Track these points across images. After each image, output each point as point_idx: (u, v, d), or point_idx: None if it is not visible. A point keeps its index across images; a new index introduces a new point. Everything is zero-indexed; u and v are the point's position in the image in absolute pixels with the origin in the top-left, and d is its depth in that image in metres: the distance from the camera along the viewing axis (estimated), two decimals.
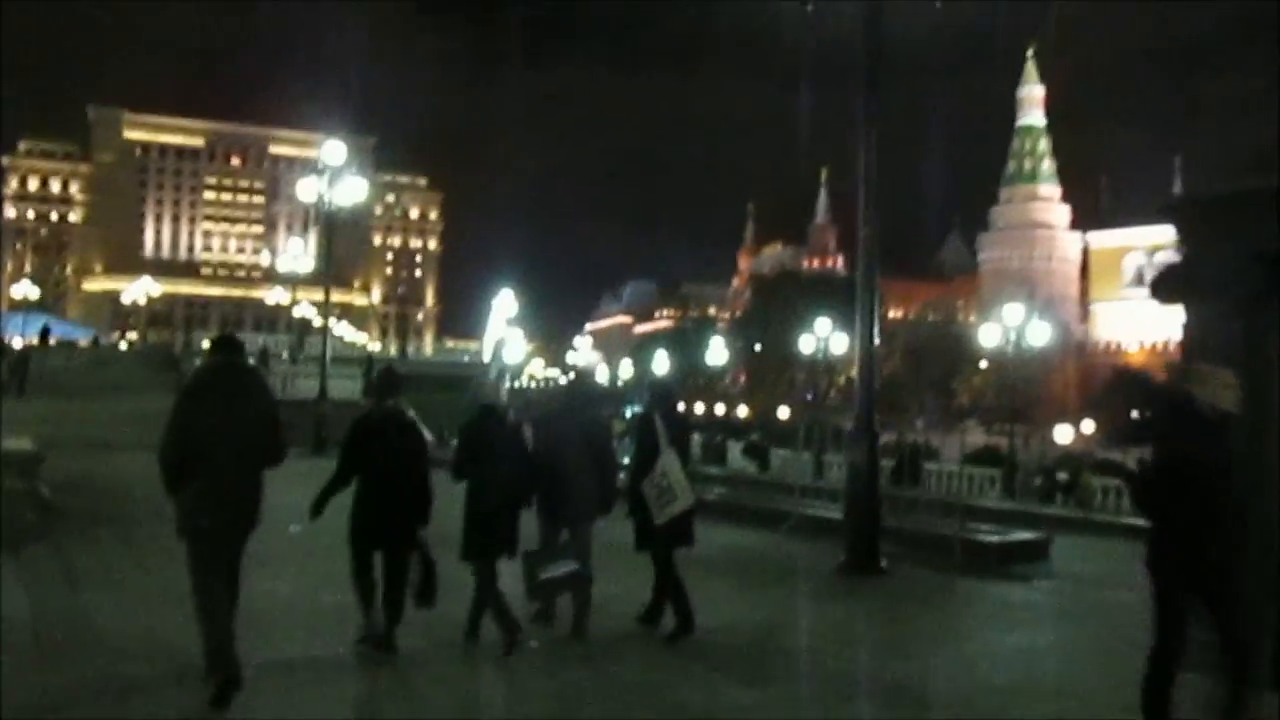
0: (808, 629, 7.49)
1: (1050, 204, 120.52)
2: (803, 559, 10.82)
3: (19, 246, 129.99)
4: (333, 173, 24.48)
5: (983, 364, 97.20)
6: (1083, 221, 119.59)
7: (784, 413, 68.59)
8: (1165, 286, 6.11)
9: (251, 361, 8.10)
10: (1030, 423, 64.43)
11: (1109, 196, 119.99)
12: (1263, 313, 5.42)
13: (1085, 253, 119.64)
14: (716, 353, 59.72)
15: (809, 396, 71.44)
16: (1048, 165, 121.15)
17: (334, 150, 24.47)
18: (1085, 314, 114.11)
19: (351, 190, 25.28)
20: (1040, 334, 43.25)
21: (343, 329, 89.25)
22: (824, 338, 44.37)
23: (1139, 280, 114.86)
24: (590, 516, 7.41)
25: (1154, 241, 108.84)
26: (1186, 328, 5.91)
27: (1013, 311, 39.38)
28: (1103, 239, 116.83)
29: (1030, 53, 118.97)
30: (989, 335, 45.34)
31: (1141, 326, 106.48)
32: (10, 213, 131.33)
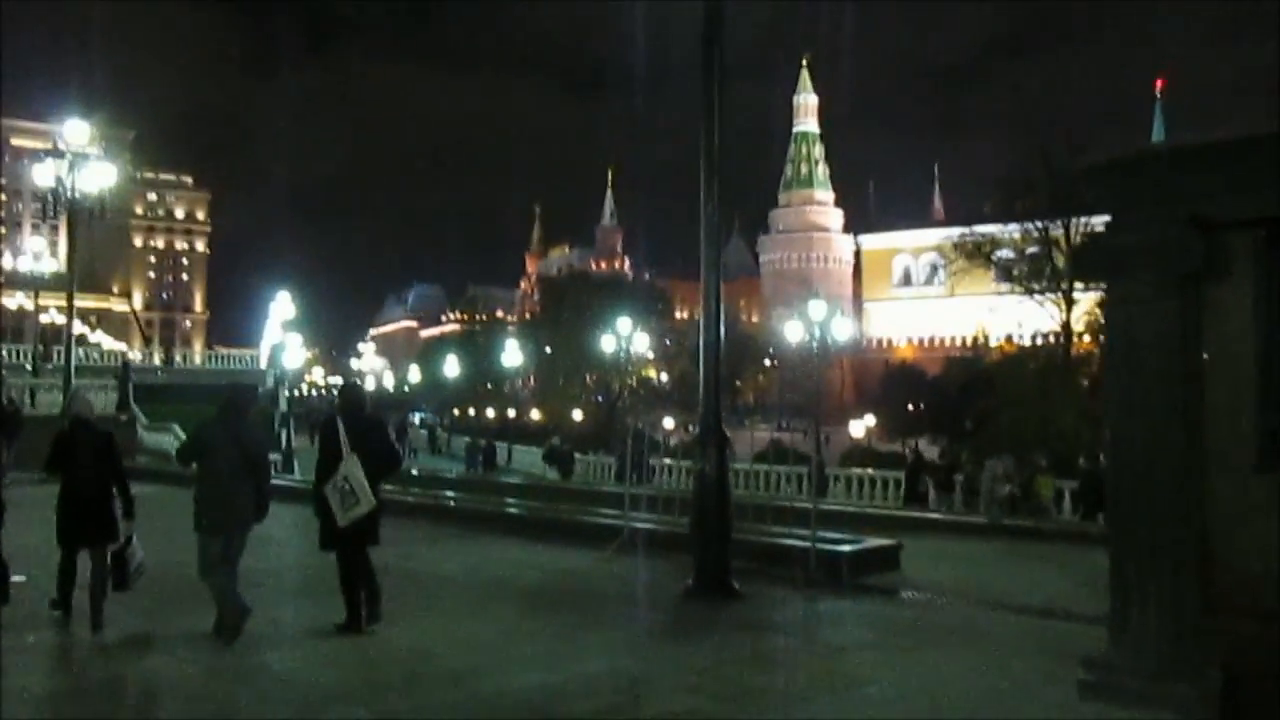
0: (675, 684, 6.04)
1: (825, 208, 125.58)
2: (641, 583, 9.72)
3: None
4: (75, 156, 21.60)
5: (766, 362, 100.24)
6: (854, 225, 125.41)
7: (577, 415, 67.85)
8: (1089, 262, 5.41)
9: None
10: (810, 417, 66.43)
11: (877, 201, 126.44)
12: (1199, 291, 4.75)
13: (858, 254, 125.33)
14: (511, 355, 58.29)
15: (599, 399, 71.09)
16: (822, 170, 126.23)
17: (75, 130, 21.59)
18: (859, 312, 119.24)
19: (98, 176, 22.45)
20: (841, 330, 44.34)
21: (99, 337, 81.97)
22: (626, 336, 43.77)
23: (906, 280, 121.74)
24: (246, 524, 7.67)
25: (919, 244, 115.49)
26: (1110, 311, 5.21)
27: (817, 308, 40.00)
28: (873, 241, 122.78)
29: (804, 62, 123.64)
30: (793, 332, 45.99)
31: (909, 323, 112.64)
32: None
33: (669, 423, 67.95)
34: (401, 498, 18.91)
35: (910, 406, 65.17)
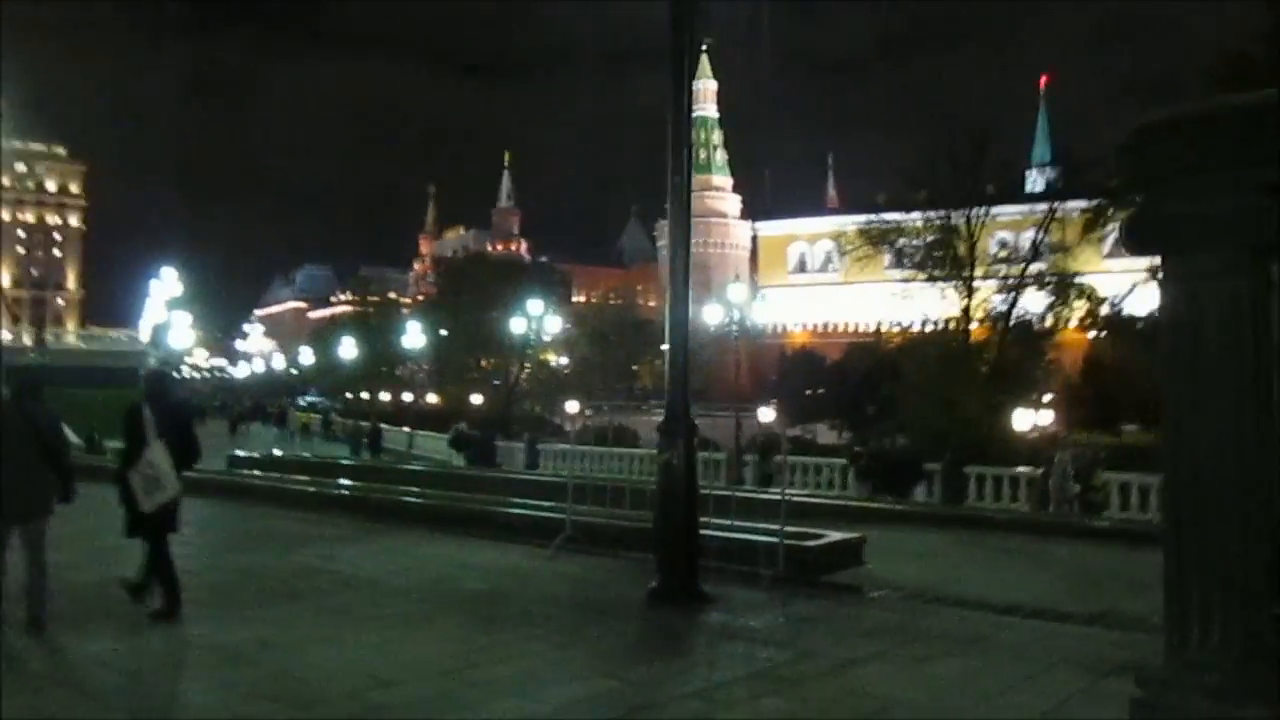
0: (681, 713, 5.24)
1: (723, 194, 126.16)
2: (596, 586, 8.90)
3: None
4: None
5: (663, 347, 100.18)
6: (751, 212, 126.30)
7: (476, 399, 66.50)
8: (1141, 234, 4.82)
9: None
10: (706, 401, 66.33)
11: (773, 189, 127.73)
12: (1274, 266, 4.20)
13: (755, 241, 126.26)
14: (411, 338, 56.67)
15: (496, 383, 69.78)
16: (721, 156, 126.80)
17: None
18: (754, 298, 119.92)
19: None
20: (713, 315, 44.13)
21: None
22: (537, 317, 42.81)
23: (801, 267, 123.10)
24: (45, 510, 7.37)
25: (815, 231, 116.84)
26: (1168, 290, 4.64)
27: (737, 291, 39.65)
28: (770, 228, 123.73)
29: (704, 48, 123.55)
30: (711, 315, 45.61)
31: (805, 310, 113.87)
32: None
33: (571, 407, 67.22)
34: (314, 489, 17.86)
35: (808, 392, 65.57)
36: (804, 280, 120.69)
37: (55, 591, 7.43)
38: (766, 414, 39.67)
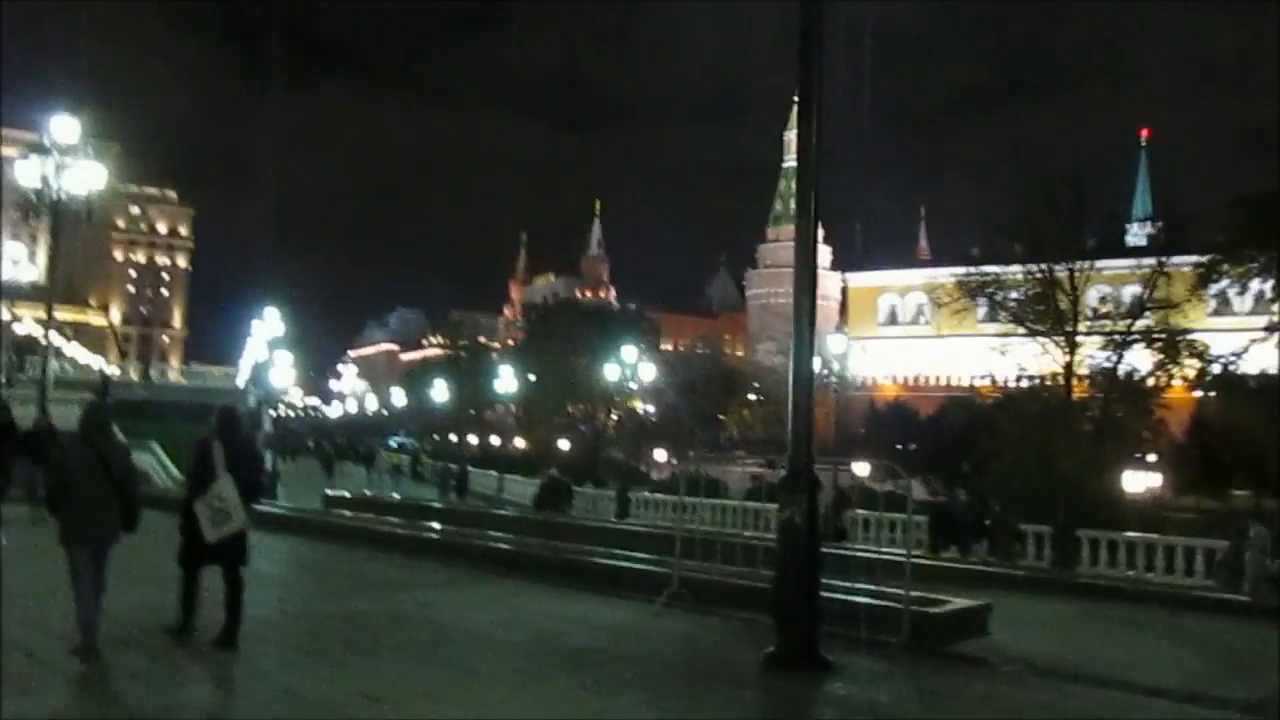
0: None
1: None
2: (707, 647, 8.52)
3: None
4: (62, 154, 20.28)
5: (750, 396, 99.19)
6: (841, 263, 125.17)
7: (563, 445, 66.51)
8: None
9: None
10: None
11: (864, 240, 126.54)
12: None
13: (844, 292, 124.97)
14: (505, 382, 56.97)
15: (583, 429, 69.77)
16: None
17: (63, 126, 20.25)
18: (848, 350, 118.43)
19: (86, 177, 21.13)
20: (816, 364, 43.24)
21: (75, 350, 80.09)
22: (631, 365, 42.59)
23: (892, 319, 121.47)
24: (112, 539, 7.61)
25: (905, 283, 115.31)
26: None
27: (836, 343, 38.96)
28: (860, 279, 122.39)
29: (795, 98, 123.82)
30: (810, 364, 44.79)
31: (894, 362, 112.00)
32: None
33: (659, 455, 66.74)
34: (407, 531, 17.78)
35: (899, 446, 64.20)
36: (894, 332, 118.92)
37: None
38: (861, 468, 38.62)
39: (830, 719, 6.50)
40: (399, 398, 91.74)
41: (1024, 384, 50.90)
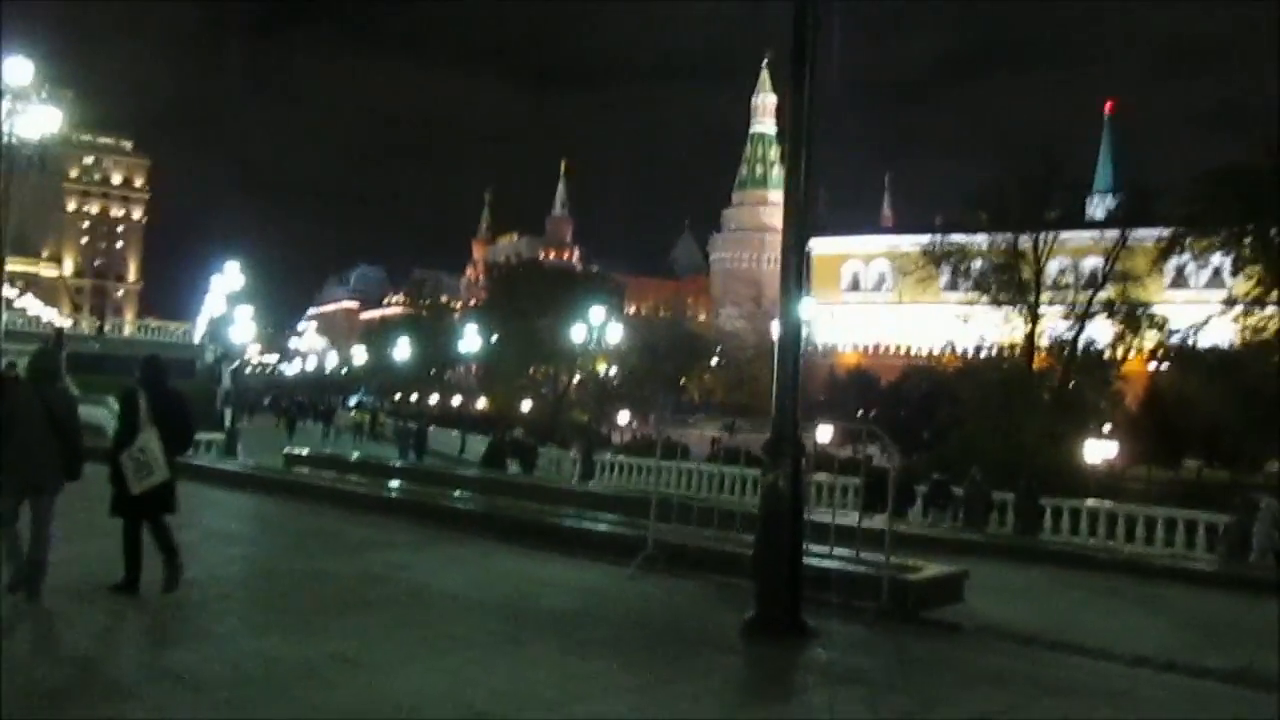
0: None
1: (778, 209, 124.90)
2: (685, 612, 8.40)
3: None
4: (15, 95, 19.54)
5: (712, 361, 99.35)
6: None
7: (525, 406, 66.34)
8: None
9: None
10: (754, 416, 65.48)
11: (828, 207, 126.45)
12: None
13: (807, 258, 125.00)
14: (468, 341, 56.59)
15: (545, 391, 69.55)
16: (777, 172, 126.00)
17: (17, 67, 19.49)
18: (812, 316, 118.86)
19: (40, 121, 20.42)
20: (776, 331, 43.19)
21: (26, 302, 78.46)
22: (599, 326, 42.34)
23: (855, 286, 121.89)
24: (52, 485, 7.66)
25: (869, 250, 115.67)
26: None
27: (809, 306, 38.83)
28: (823, 245, 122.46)
29: (765, 62, 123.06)
30: (775, 331, 44.86)
31: (853, 330, 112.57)
32: None
33: (622, 419, 66.76)
34: (372, 491, 17.57)
35: (860, 413, 64.62)
36: (857, 299, 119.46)
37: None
38: (824, 432, 38.82)
39: (814, 684, 6.44)
40: (359, 356, 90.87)
41: (985, 354, 51.41)
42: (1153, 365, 49.14)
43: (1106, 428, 42.02)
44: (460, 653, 6.74)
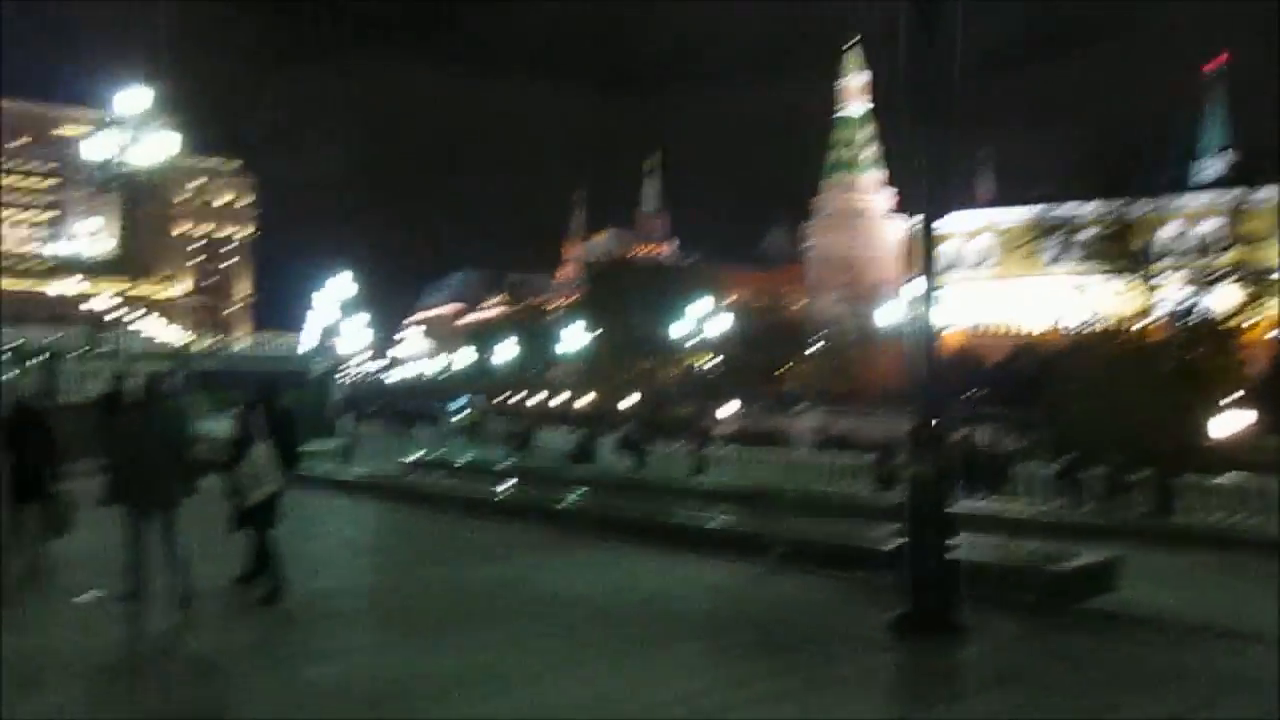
0: None
1: (870, 192, 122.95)
2: (826, 611, 8.18)
3: None
4: (135, 125, 20.25)
5: (812, 348, 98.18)
6: (907, 208, 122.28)
7: (627, 402, 66.48)
8: None
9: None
10: (856, 404, 64.48)
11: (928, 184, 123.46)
12: None
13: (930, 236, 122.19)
14: (568, 340, 56.97)
15: (643, 385, 69.58)
16: (869, 154, 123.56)
17: (135, 97, 20.13)
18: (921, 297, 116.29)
19: (157, 148, 21.13)
20: (891, 315, 42.50)
21: (150, 324, 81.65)
22: (702, 318, 42.12)
23: (955, 264, 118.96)
24: (174, 503, 7.89)
25: (969, 227, 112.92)
26: None
27: (915, 288, 38.06)
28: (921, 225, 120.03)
29: (853, 43, 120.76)
30: (886, 316, 44.37)
31: (954, 311, 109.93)
32: None
33: (724, 410, 66.48)
34: (491, 495, 17.68)
35: (965, 395, 63.14)
36: (958, 278, 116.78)
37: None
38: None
39: (979, 685, 6.17)
40: (462, 360, 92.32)
41: (1097, 327, 49.64)
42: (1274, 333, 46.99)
43: (1233, 397, 40.26)
44: (604, 661, 6.66)
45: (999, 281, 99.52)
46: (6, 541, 9.01)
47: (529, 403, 75.74)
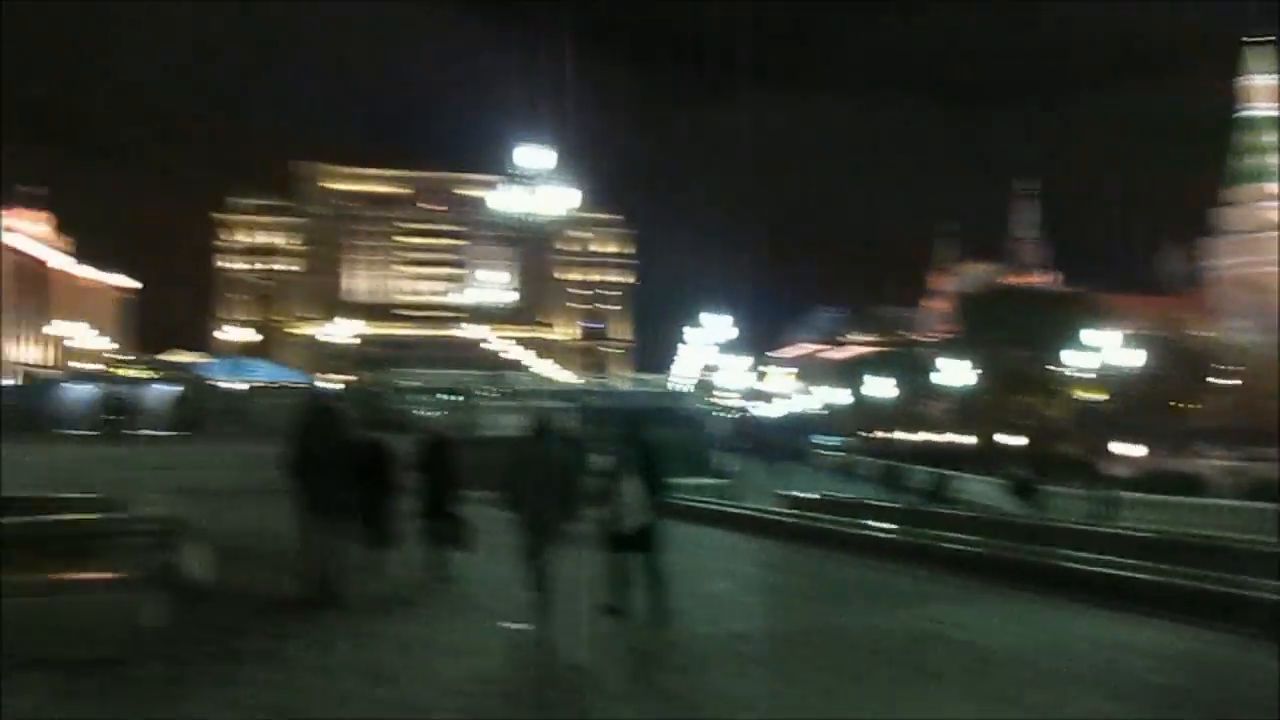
0: None
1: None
2: None
3: (235, 295, 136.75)
4: (537, 179, 21.84)
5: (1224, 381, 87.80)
6: None
7: (1008, 439, 62.74)
8: None
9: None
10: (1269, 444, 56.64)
11: None
12: None
13: None
14: (947, 375, 54.77)
15: (1028, 421, 65.38)
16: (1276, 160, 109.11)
17: (536, 155, 21.75)
18: None
19: (558, 200, 22.60)
20: None
21: (543, 365, 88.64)
22: (1091, 350, 39.02)
23: None
24: (554, 528, 8.33)
25: None
26: None
27: None
28: None
29: (1250, 39, 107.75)
30: None
31: None
32: (229, 264, 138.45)
33: (1122, 449, 61.06)
34: (887, 535, 16.99)
35: None
36: None
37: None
38: None
39: None
40: (830, 396, 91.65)
41: None
42: None
43: None
44: None
45: None
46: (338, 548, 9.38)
47: (906, 438, 73.55)
